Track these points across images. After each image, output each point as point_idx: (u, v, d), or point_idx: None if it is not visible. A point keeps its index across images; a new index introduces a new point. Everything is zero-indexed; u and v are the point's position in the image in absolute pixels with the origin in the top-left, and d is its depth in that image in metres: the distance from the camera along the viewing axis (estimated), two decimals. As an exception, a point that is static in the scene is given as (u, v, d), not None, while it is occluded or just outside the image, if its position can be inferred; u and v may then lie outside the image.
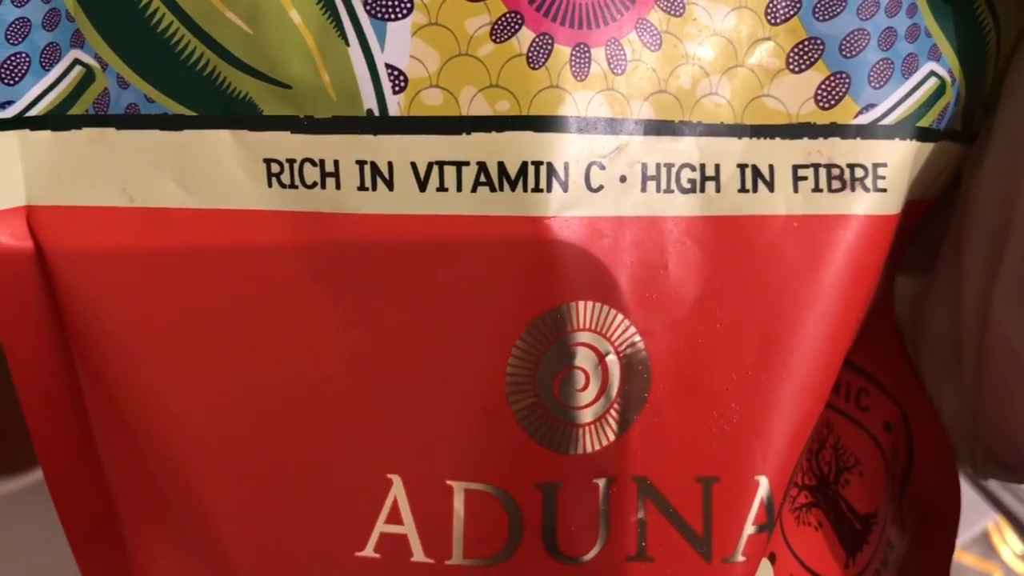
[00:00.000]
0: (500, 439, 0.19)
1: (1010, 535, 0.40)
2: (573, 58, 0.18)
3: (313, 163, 0.18)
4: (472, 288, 0.18)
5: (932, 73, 0.20)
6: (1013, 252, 0.21)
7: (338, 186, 0.18)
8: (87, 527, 0.22)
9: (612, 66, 0.18)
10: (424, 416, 0.19)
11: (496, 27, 0.18)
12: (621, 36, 0.18)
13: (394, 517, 0.19)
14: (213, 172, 0.19)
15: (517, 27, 0.18)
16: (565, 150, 0.18)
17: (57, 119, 0.19)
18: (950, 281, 0.24)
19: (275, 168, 0.19)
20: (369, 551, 0.19)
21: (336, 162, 0.18)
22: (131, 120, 0.19)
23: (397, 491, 0.19)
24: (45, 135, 0.20)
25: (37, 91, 0.19)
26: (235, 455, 0.19)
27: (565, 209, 0.18)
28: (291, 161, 0.18)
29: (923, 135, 0.20)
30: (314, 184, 0.18)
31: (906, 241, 0.23)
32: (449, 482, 0.19)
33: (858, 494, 0.22)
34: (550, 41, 0.18)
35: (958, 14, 0.20)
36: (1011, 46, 0.21)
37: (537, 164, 0.18)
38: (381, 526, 0.19)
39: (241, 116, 0.19)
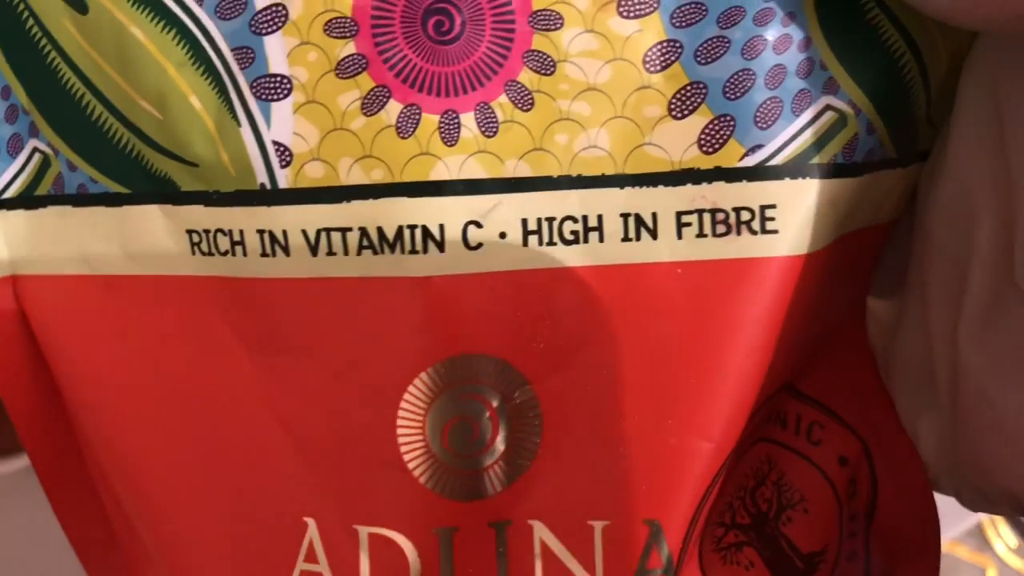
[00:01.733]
0: (396, 488, 0.20)
1: (1004, 528, 0.38)
2: (442, 125, 0.19)
3: (224, 233, 0.20)
4: (363, 346, 0.20)
5: (828, 107, 0.19)
6: (975, 288, 0.20)
7: (245, 253, 0.20)
8: (95, 552, 0.25)
9: (483, 129, 0.19)
10: (331, 465, 0.20)
11: (366, 101, 0.19)
12: (491, 99, 0.19)
13: (311, 556, 0.20)
14: (149, 242, 0.21)
15: (385, 100, 0.19)
16: (439, 213, 0.19)
17: (27, 199, 0.22)
18: (918, 308, 0.23)
19: (196, 238, 0.20)
20: None
21: (241, 232, 0.20)
22: (82, 199, 0.21)
23: (312, 533, 0.20)
24: (20, 214, 0.22)
25: (8, 176, 0.22)
26: (181, 494, 0.21)
27: (444, 268, 0.19)
28: (207, 231, 0.20)
29: (825, 171, 0.19)
30: (227, 252, 0.20)
31: (859, 270, 0.22)
32: (355, 526, 0.20)
33: (802, 532, 0.22)
34: (418, 111, 0.19)
35: (860, 43, 0.19)
36: (946, 63, 0.20)
37: (412, 228, 0.19)
38: (301, 564, 0.21)
39: (165, 192, 0.20)
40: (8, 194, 0.22)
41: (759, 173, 0.19)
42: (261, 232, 0.20)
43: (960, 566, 0.39)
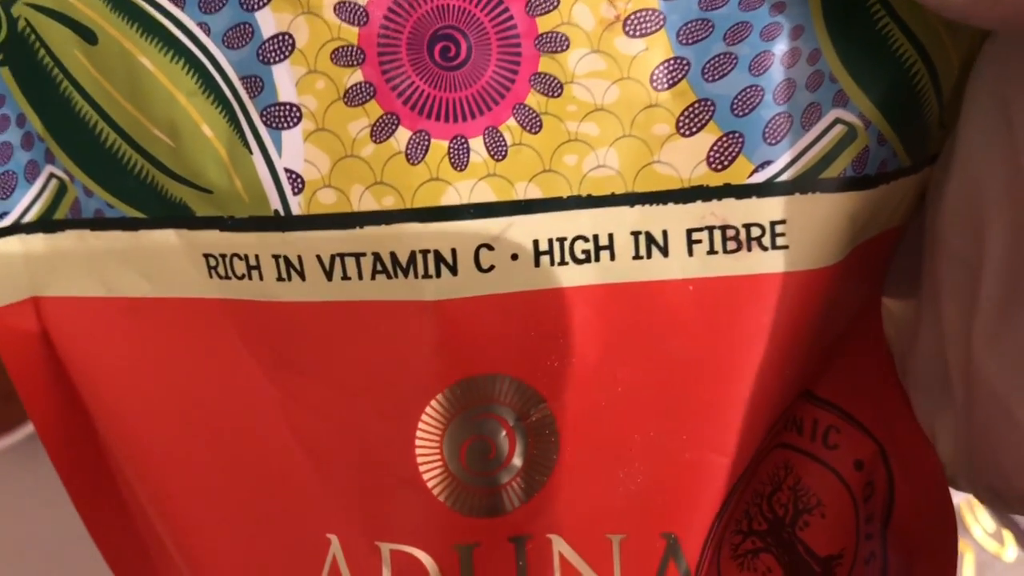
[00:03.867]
0: (416, 505, 0.20)
1: (981, 513, 0.38)
2: (451, 150, 0.19)
3: (240, 257, 0.20)
4: (378, 367, 0.20)
5: (838, 120, 0.19)
6: (988, 291, 0.20)
7: (261, 277, 0.20)
8: (128, 566, 0.26)
9: (492, 153, 0.19)
10: (351, 482, 0.21)
11: (375, 129, 0.19)
12: (499, 123, 0.19)
13: (335, 572, 0.21)
14: (166, 266, 0.21)
15: (394, 127, 0.19)
16: (450, 237, 0.19)
17: (45, 223, 0.22)
18: (932, 310, 0.23)
19: (212, 262, 0.21)
20: None
21: (257, 256, 0.20)
22: (100, 223, 0.22)
23: (335, 549, 0.21)
24: (39, 238, 0.22)
25: (27, 201, 0.22)
26: (205, 511, 0.22)
27: (457, 291, 0.19)
28: (223, 256, 0.20)
29: (835, 185, 0.19)
30: (243, 276, 0.20)
31: (874, 272, 0.22)
32: (376, 542, 0.21)
33: (819, 536, 0.22)
34: (427, 137, 0.19)
35: (870, 53, 0.19)
36: (957, 68, 0.20)
37: (424, 252, 0.19)
38: None
39: (180, 217, 0.21)
40: (28, 218, 0.22)
41: (768, 189, 0.19)
42: (276, 257, 0.20)
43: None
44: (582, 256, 0.19)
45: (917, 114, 0.20)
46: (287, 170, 0.19)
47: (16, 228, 0.23)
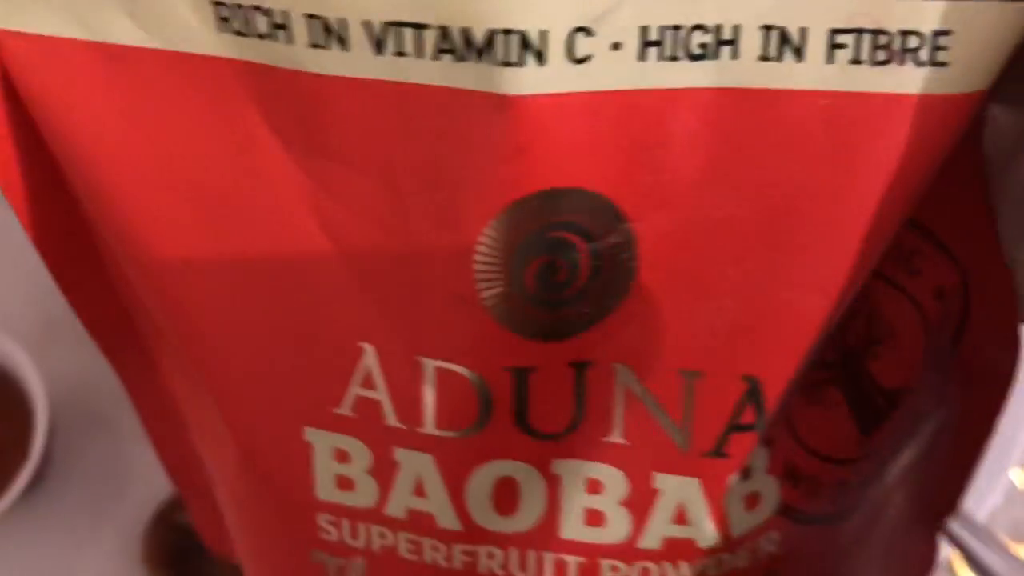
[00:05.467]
0: (468, 323, 0.17)
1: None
2: None
3: (262, 11, 0.16)
4: (438, 168, 0.16)
5: None
6: None
7: (290, 40, 0.16)
8: (109, 333, 0.23)
9: None
10: (394, 291, 0.18)
11: None
12: None
13: (367, 383, 0.19)
14: (163, 8, 0.17)
15: None
16: (542, 14, 0.15)
17: None
18: None
19: (223, 12, 0.16)
20: (346, 409, 0.19)
21: (285, 13, 0.16)
22: None
23: (370, 359, 0.18)
24: None
25: None
26: (210, 298, 0.19)
27: (543, 85, 0.16)
28: (239, 7, 0.16)
29: None
30: (265, 35, 0.16)
31: None
32: (418, 357, 0.18)
33: (887, 368, 0.20)
34: None
35: None
36: None
37: (507, 33, 0.15)
38: (356, 389, 0.19)
39: None
40: None
41: None
42: (311, 17, 0.16)
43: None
44: (698, 51, 0.16)
45: None
46: None
47: None
